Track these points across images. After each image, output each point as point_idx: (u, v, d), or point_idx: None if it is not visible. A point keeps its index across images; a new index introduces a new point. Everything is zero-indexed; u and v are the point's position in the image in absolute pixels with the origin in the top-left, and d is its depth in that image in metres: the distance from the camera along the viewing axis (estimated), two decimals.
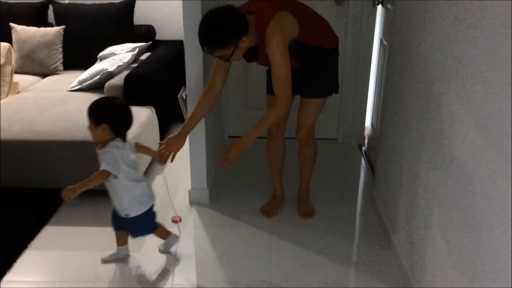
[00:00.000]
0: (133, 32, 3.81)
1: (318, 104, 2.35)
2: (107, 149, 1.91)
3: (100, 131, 1.90)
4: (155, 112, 3.11)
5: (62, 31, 3.69)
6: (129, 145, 2.01)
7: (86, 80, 3.24)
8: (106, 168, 1.89)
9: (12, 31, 3.66)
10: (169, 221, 2.43)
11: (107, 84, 3.10)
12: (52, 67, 3.68)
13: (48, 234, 2.39)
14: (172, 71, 3.56)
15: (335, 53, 2.32)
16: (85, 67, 3.43)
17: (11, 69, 3.29)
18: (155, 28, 4.05)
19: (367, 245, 2.35)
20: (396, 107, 2.32)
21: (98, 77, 3.20)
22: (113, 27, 3.70)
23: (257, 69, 3.32)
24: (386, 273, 2.13)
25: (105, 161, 1.90)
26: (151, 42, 3.75)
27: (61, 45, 3.69)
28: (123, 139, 1.96)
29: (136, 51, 3.42)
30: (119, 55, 3.35)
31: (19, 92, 3.30)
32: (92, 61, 3.49)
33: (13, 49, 3.50)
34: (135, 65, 3.36)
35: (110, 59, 3.32)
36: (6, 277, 2.07)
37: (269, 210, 2.59)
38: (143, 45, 3.55)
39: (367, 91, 3.38)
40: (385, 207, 2.46)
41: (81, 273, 2.12)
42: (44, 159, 2.63)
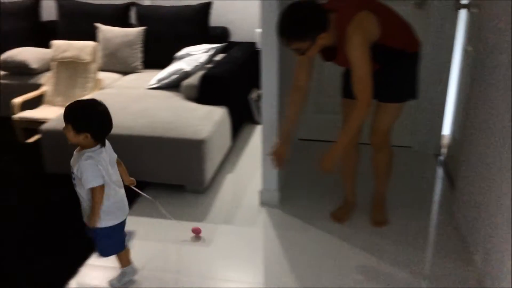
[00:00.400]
0: (208, 33, 3.91)
1: (394, 109, 2.28)
2: (82, 163, 1.81)
3: (81, 138, 1.81)
4: (228, 112, 3.17)
5: (143, 31, 3.86)
6: (108, 146, 1.92)
7: (164, 78, 3.37)
8: (91, 185, 1.81)
9: (98, 31, 3.88)
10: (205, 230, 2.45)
11: (184, 83, 3.20)
12: (132, 66, 3.86)
13: (127, 223, 2.48)
14: (245, 72, 3.62)
15: (415, 57, 2.24)
16: (162, 66, 3.58)
17: (96, 66, 3.49)
18: (229, 29, 4.13)
19: (442, 259, 2.24)
20: (482, 116, 2.19)
21: (175, 76, 3.31)
22: (190, 28, 3.83)
23: (329, 74, 3.31)
24: None
25: (86, 180, 1.81)
26: (226, 43, 3.83)
27: (141, 45, 3.87)
28: (102, 143, 1.88)
29: (211, 52, 3.51)
30: (195, 56, 3.45)
31: (102, 88, 3.49)
32: (169, 60, 3.62)
33: (99, 48, 3.71)
34: (210, 65, 3.45)
35: (186, 59, 3.42)
36: (88, 261, 2.20)
37: (340, 215, 2.55)
38: (218, 46, 3.63)
39: (446, 98, 3.23)
40: (465, 221, 2.34)
41: (153, 263, 2.20)
42: (123, 153, 2.75)
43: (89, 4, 4.08)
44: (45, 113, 3.27)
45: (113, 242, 1.98)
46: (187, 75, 3.28)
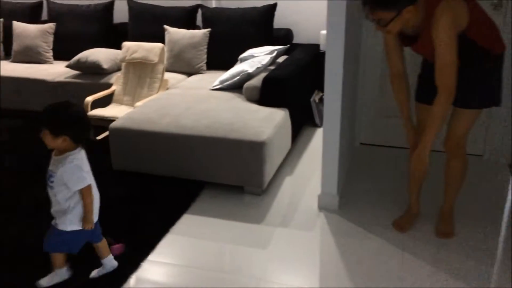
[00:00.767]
0: (272, 35, 3.92)
1: (473, 114, 2.16)
2: (67, 166, 1.82)
3: (59, 142, 1.80)
4: (289, 114, 3.15)
5: (208, 33, 3.94)
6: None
7: (226, 80, 3.42)
8: (80, 187, 1.84)
9: (165, 33, 4.01)
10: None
11: (246, 85, 3.23)
12: (197, 67, 3.96)
13: (186, 221, 2.55)
14: (307, 74, 3.59)
15: (501, 59, 2.10)
16: (226, 67, 3.63)
17: (163, 67, 3.61)
18: (292, 31, 4.12)
19: (511, 275, 2.10)
20: None
21: (237, 77, 3.35)
22: (254, 30, 3.86)
23: None
24: None
25: (75, 182, 1.83)
26: (289, 45, 3.82)
27: (206, 47, 3.95)
28: (82, 145, 1.87)
29: (274, 54, 3.51)
30: (258, 57, 3.47)
31: (168, 88, 3.60)
32: (233, 62, 3.67)
33: (166, 49, 3.83)
34: (272, 67, 3.45)
35: (249, 61, 3.45)
36: (149, 257, 2.26)
37: (402, 224, 2.45)
38: (281, 48, 3.63)
39: None
40: None
41: (209, 262, 2.23)
42: (185, 152, 2.83)
43: (158, 6, 4.23)
44: (114, 111, 3.42)
45: (68, 247, 1.96)
46: (249, 77, 3.31)
